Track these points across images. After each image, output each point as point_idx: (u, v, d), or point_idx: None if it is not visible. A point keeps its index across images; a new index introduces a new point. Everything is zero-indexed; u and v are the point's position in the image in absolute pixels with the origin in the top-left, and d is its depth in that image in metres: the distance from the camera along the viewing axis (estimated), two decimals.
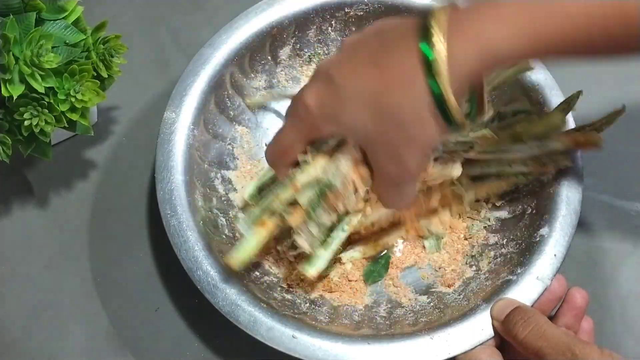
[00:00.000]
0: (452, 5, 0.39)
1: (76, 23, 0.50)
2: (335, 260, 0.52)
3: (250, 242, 0.45)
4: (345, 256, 0.53)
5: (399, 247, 0.54)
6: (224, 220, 0.53)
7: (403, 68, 0.38)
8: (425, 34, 0.37)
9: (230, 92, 0.57)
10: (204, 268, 0.47)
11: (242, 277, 0.49)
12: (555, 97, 0.53)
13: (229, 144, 0.57)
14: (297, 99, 0.42)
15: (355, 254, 0.53)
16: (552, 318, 0.46)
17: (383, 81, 0.39)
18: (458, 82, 0.37)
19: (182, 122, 0.52)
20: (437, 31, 0.37)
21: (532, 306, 0.46)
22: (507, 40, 0.37)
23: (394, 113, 0.39)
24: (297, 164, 0.45)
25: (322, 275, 0.52)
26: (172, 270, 0.53)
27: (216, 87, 0.55)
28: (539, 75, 0.54)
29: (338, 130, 0.42)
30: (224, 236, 0.52)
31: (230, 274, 0.47)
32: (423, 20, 0.38)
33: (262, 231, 0.45)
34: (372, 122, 0.40)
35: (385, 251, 0.54)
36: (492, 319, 0.45)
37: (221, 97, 0.56)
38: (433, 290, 0.52)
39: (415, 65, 0.37)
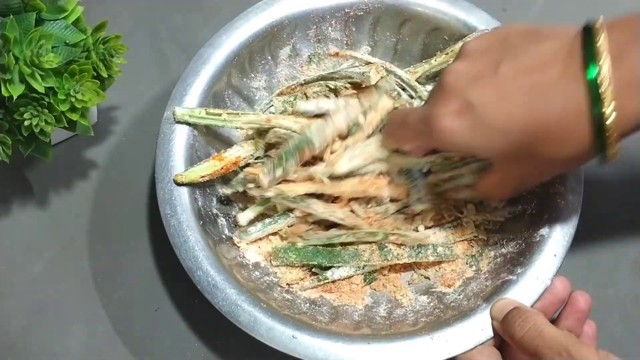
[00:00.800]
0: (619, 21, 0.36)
1: (76, 23, 0.50)
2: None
3: (202, 168, 0.50)
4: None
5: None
6: (224, 220, 0.53)
7: (564, 106, 0.36)
8: (591, 57, 0.35)
9: (230, 92, 0.57)
10: (204, 268, 0.47)
11: (243, 277, 0.49)
12: None
13: (229, 144, 0.57)
14: (430, 117, 0.40)
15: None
16: (554, 321, 0.46)
17: (537, 123, 0.37)
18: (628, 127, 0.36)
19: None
20: (603, 52, 0.35)
21: (532, 306, 0.46)
22: None
23: (547, 162, 0.39)
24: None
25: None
26: (172, 270, 0.53)
27: (216, 87, 0.55)
28: None
29: (465, 154, 0.45)
30: (224, 236, 0.52)
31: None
32: (583, 39, 0.36)
33: (217, 163, 0.51)
34: (514, 158, 0.40)
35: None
36: (491, 319, 0.45)
37: (221, 97, 0.56)
38: (433, 290, 0.52)
39: (579, 102, 0.35)
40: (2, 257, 0.55)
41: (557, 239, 0.48)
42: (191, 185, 0.50)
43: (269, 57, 0.59)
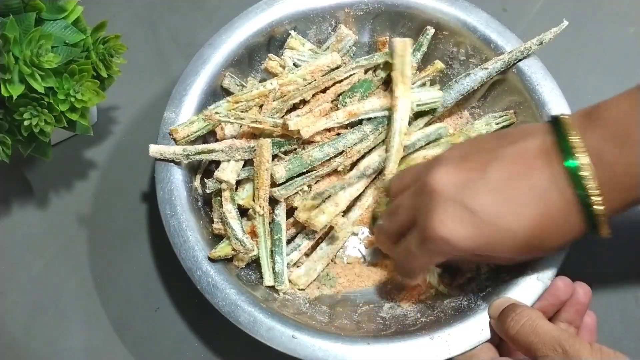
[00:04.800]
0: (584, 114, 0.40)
1: (76, 23, 0.50)
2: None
3: (227, 246, 0.49)
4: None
5: None
6: None
7: (559, 198, 0.40)
8: (568, 151, 0.39)
9: (229, 92, 0.57)
10: (203, 268, 0.47)
11: (242, 277, 0.49)
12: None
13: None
14: (429, 229, 0.41)
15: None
16: (554, 313, 0.46)
17: (540, 224, 0.40)
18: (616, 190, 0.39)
19: (182, 122, 0.52)
20: (578, 147, 0.39)
21: (532, 307, 0.46)
22: None
23: (545, 248, 0.43)
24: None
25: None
26: (172, 270, 0.53)
27: (216, 87, 0.55)
28: (544, 88, 0.54)
29: (476, 258, 0.46)
30: None
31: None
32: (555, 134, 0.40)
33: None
34: (515, 252, 0.42)
35: None
36: (489, 317, 0.45)
37: (220, 97, 0.56)
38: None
39: (567, 192, 0.39)
40: (2, 257, 0.55)
41: None
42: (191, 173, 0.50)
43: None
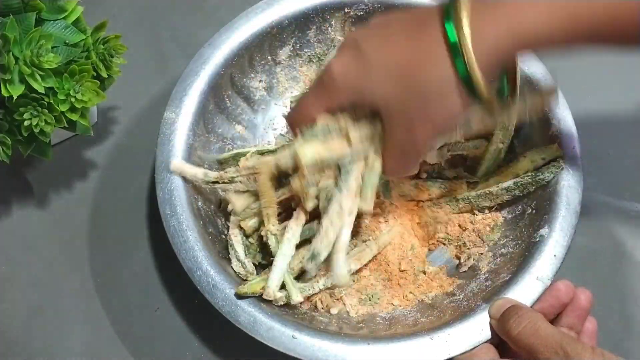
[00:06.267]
0: None
1: (76, 23, 0.50)
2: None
3: (259, 280, 0.47)
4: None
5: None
6: (223, 220, 0.53)
7: (432, 46, 0.41)
8: (448, 15, 0.40)
9: (229, 92, 0.57)
10: (203, 268, 0.47)
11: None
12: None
13: (229, 143, 0.57)
14: (325, 69, 0.45)
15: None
16: (555, 318, 0.46)
17: (413, 56, 0.41)
18: (487, 60, 0.40)
19: (182, 122, 0.52)
20: (461, 12, 0.39)
21: (532, 307, 0.46)
22: (539, 21, 0.39)
23: (420, 88, 0.41)
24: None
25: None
26: (172, 270, 0.53)
27: (216, 87, 0.55)
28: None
29: (358, 99, 0.44)
30: (223, 236, 0.52)
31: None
32: (448, 3, 0.40)
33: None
34: (394, 93, 0.42)
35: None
36: (490, 317, 0.45)
37: (221, 97, 0.56)
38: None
39: (442, 46, 0.40)
40: (2, 257, 0.55)
41: (557, 239, 0.48)
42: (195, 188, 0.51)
43: (269, 57, 0.59)
